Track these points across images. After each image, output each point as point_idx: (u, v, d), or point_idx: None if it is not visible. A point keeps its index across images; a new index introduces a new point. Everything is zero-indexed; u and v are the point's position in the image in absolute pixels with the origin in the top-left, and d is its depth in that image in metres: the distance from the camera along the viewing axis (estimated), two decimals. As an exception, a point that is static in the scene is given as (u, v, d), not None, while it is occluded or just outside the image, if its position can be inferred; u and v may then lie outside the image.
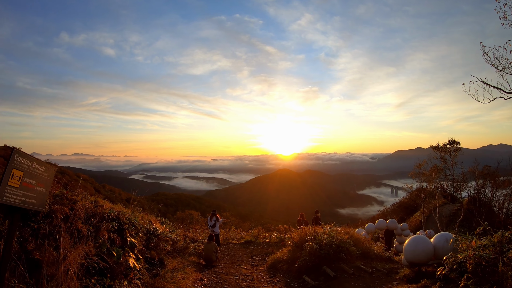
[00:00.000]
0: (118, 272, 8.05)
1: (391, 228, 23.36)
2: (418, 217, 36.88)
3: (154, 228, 12.67)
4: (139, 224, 11.09)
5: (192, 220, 35.15)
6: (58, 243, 6.86)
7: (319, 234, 13.73)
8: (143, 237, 11.49)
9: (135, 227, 10.60)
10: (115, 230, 9.05)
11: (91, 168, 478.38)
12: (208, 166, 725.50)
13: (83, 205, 8.37)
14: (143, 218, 12.32)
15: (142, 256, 10.58)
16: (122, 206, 11.26)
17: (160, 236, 12.83)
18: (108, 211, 9.20)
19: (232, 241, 23.21)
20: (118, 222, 9.46)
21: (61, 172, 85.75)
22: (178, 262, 12.35)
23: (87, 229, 7.91)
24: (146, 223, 12.23)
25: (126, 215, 10.24)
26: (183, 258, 13.88)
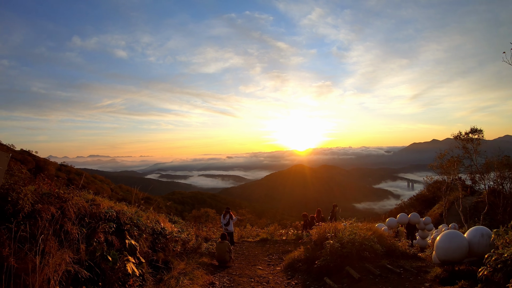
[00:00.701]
0: (114, 280, 7.09)
1: (413, 222, 22.25)
2: (437, 210, 35.94)
3: (162, 228, 11.74)
4: (144, 224, 10.13)
5: (208, 218, 34.51)
6: (43, 248, 5.93)
7: (340, 231, 12.66)
8: (149, 238, 10.57)
9: (138, 227, 9.64)
10: (113, 231, 8.11)
11: (107, 169, 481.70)
12: (223, 164, 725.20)
13: (76, 204, 7.44)
14: (149, 218, 11.36)
15: (147, 259, 9.68)
16: (124, 205, 10.35)
17: (169, 237, 11.92)
18: (105, 210, 8.25)
19: (247, 239, 22.26)
20: (118, 223, 8.53)
21: (77, 173, 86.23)
22: (187, 265, 11.34)
23: (79, 230, 6.97)
24: (153, 223, 11.29)
25: (127, 214, 9.30)
26: (194, 260, 12.90)
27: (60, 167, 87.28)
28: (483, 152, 27.39)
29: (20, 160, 69.10)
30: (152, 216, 11.88)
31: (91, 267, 6.74)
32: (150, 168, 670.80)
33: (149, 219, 11.24)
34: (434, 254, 10.09)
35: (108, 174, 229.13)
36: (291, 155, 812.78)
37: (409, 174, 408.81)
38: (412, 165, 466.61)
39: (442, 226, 23.23)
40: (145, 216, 11.02)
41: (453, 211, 31.42)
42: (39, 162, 79.88)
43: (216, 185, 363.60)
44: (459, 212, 27.75)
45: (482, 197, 31.74)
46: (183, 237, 13.26)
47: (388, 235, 14.84)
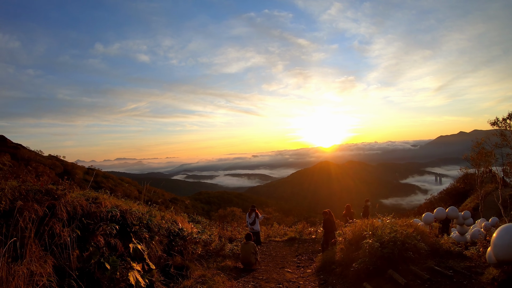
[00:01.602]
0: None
1: (451, 217, 20.61)
2: (469, 204, 34.25)
3: (180, 229, 10.58)
4: (157, 225, 8.97)
5: (234, 217, 33.69)
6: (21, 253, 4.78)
7: (379, 228, 11.27)
8: (164, 240, 9.44)
9: (150, 229, 8.50)
10: (117, 233, 6.94)
11: (134, 172, 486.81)
12: (249, 163, 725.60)
13: (71, 202, 6.28)
14: (164, 218, 10.20)
15: (160, 264, 8.54)
16: (135, 204, 9.24)
17: (188, 238, 10.75)
18: (107, 209, 7.09)
19: (275, 239, 20.84)
20: (123, 224, 7.39)
21: (104, 176, 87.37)
22: (207, 270, 10.06)
23: (72, 232, 5.80)
24: (168, 224, 10.13)
25: (137, 214, 8.15)
26: (216, 263, 11.70)
27: (87, 171, 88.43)
28: None
29: (49, 165, 70.43)
30: (168, 216, 10.72)
31: (86, 277, 5.57)
32: (176, 169, 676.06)
33: (164, 219, 10.09)
34: (489, 253, 8.73)
35: (135, 176, 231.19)
36: (316, 152, 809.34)
37: (436, 168, 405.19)
38: (440, 159, 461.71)
39: (481, 221, 21.64)
40: (159, 216, 9.86)
41: (487, 205, 29.74)
42: (67, 166, 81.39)
43: (242, 184, 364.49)
44: (498, 205, 25.99)
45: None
46: (204, 239, 12.03)
47: (429, 231, 13.50)
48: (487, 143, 27.49)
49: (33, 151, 74.48)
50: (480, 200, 29.68)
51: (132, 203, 9.32)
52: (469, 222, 20.47)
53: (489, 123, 26.36)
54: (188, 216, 17.40)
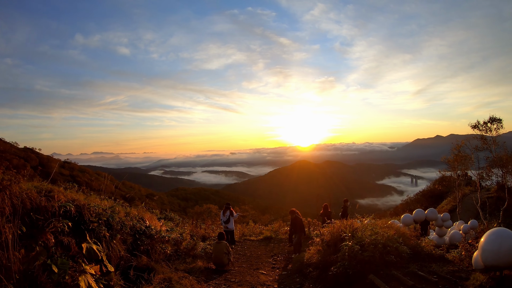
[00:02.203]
0: (59, 300, 5.12)
1: (430, 218, 20.34)
2: (446, 206, 34.63)
3: (147, 226, 9.79)
4: (120, 222, 8.21)
5: (210, 214, 33.10)
6: None
7: (359, 230, 10.69)
8: (128, 239, 8.66)
9: (111, 226, 7.74)
10: (70, 231, 6.18)
11: (111, 166, 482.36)
12: (227, 160, 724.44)
13: (19, 194, 5.52)
14: (129, 215, 9.42)
15: (123, 266, 7.79)
16: (97, 198, 8.48)
17: (156, 237, 9.98)
18: (61, 204, 6.31)
19: (250, 238, 20.10)
20: (79, 220, 6.63)
21: (81, 170, 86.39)
22: (174, 272, 9.31)
23: (16, 229, 5.03)
24: (134, 221, 9.36)
25: (96, 210, 7.38)
26: (186, 264, 10.96)
27: (63, 164, 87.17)
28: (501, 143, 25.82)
29: (24, 157, 69.26)
30: (134, 213, 9.93)
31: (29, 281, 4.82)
32: (154, 164, 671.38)
33: (129, 216, 9.32)
34: (476, 258, 8.33)
35: (111, 170, 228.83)
36: (294, 151, 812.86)
37: (412, 170, 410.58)
38: (416, 161, 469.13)
39: (460, 223, 21.50)
40: (123, 212, 9.08)
41: (464, 207, 30.23)
42: (42, 159, 79.61)
43: (220, 181, 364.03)
44: (477, 207, 25.99)
45: (491, 193, 31.35)
46: (174, 237, 11.25)
47: (410, 234, 13.03)
48: (467, 146, 27.42)
49: (8, 143, 72.85)
50: (458, 203, 29.83)
51: (94, 197, 8.55)
52: (448, 224, 20.47)
53: (470, 126, 26.63)
54: (160, 213, 16.69)
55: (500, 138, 25.62)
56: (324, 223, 16.58)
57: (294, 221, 15.87)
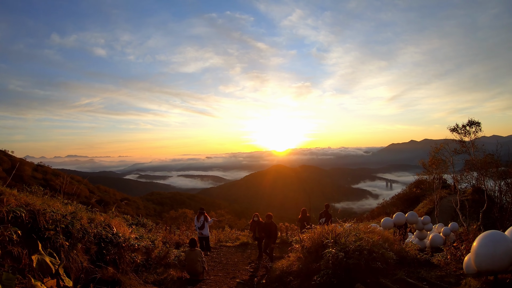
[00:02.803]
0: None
1: (411, 222, 20.07)
2: (422, 209, 34.82)
3: (114, 234, 8.94)
4: (82, 229, 7.38)
5: (186, 219, 32.29)
6: None
7: (342, 236, 10.02)
8: (92, 248, 7.83)
9: (71, 234, 6.91)
10: (21, 240, 5.36)
11: (85, 170, 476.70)
12: (202, 164, 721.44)
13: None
14: (93, 221, 8.57)
15: (85, 278, 6.96)
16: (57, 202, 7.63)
17: (125, 245, 9.16)
18: (10, 209, 5.48)
19: (226, 244, 19.30)
20: (32, 227, 5.82)
21: (54, 174, 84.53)
22: (142, 285, 8.49)
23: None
24: (99, 228, 8.52)
25: (54, 216, 6.55)
26: (156, 274, 10.17)
27: (36, 167, 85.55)
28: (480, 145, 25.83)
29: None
30: (100, 219, 9.07)
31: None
32: (129, 168, 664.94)
33: (93, 222, 8.47)
34: (467, 262, 8.10)
35: (86, 174, 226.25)
36: (270, 155, 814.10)
37: (387, 174, 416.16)
38: (391, 165, 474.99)
39: (439, 226, 21.27)
40: (86, 218, 8.21)
41: (440, 210, 30.12)
42: (15, 162, 78.58)
43: (195, 186, 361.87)
44: (457, 210, 25.96)
45: (466, 195, 31.58)
46: (144, 245, 10.43)
47: (394, 238, 12.47)
48: (446, 149, 27.30)
49: (-21, 145, 71.13)
50: (435, 205, 29.89)
51: (55, 201, 7.70)
52: (428, 228, 20.50)
53: (449, 129, 26.48)
54: (132, 218, 15.83)
55: (477, 142, 25.55)
56: (303, 228, 15.94)
57: (268, 227, 15.05)
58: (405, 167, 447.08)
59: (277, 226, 15.63)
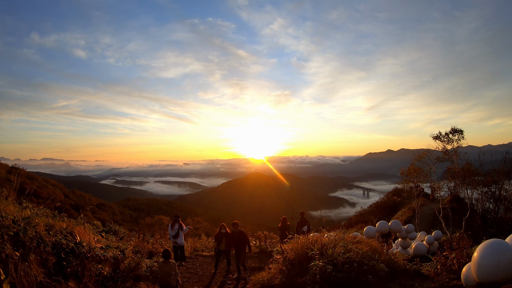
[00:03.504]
0: None
1: (394, 230, 19.41)
2: (401, 217, 34.26)
3: (77, 243, 7.96)
4: (37, 237, 6.42)
5: (162, 226, 31.32)
6: None
7: (329, 247, 9.21)
8: (50, 259, 6.86)
9: (22, 243, 5.96)
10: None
11: (60, 173, 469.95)
12: (180, 170, 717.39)
13: None
14: (52, 228, 7.60)
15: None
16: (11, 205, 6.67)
17: (90, 255, 8.20)
18: None
19: (202, 253, 18.36)
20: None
21: (29, 177, 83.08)
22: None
23: None
24: (59, 236, 7.54)
25: (2, 222, 5.61)
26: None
27: (11, 170, 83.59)
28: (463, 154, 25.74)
29: None
30: (61, 225, 8.08)
31: None
32: (105, 173, 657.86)
33: (52, 230, 7.49)
34: (466, 274, 7.48)
35: (61, 178, 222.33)
36: (247, 163, 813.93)
37: (364, 182, 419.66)
38: (368, 174, 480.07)
39: (422, 234, 20.74)
40: (43, 225, 7.23)
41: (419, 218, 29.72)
42: None
43: (172, 192, 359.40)
44: (440, 218, 25.59)
45: (444, 204, 30.11)
46: (111, 255, 9.44)
47: (382, 248, 11.77)
48: (428, 157, 27.01)
49: (-50, 146, 69.65)
50: (416, 214, 29.64)
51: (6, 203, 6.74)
52: (412, 236, 20.09)
53: (432, 137, 26.63)
54: (103, 225, 14.85)
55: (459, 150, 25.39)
56: (284, 237, 15.15)
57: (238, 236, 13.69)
58: (382, 176, 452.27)
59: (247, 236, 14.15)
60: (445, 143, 25.58)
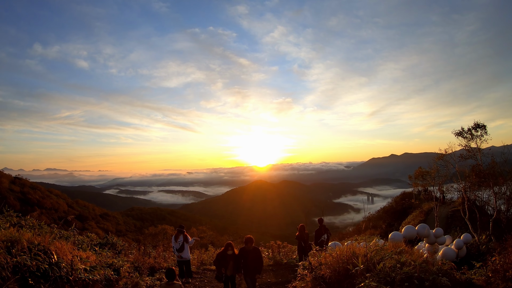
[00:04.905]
0: None
1: (422, 235, 17.45)
2: (412, 221, 32.97)
3: (52, 263, 6.07)
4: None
5: (166, 236, 29.80)
6: None
7: (374, 259, 7.22)
8: (10, 286, 5.00)
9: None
10: None
11: (64, 184, 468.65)
12: (183, 179, 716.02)
13: None
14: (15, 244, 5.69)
15: None
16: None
17: (72, 278, 6.30)
18: None
19: (211, 267, 16.03)
20: None
21: (32, 187, 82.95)
22: None
23: None
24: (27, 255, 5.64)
25: None
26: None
27: (14, 180, 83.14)
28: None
29: None
30: (32, 240, 6.16)
31: None
32: (109, 183, 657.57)
33: (16, 246, 5.58)
34: None
35: (64, 188, 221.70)
36: (251, 171, 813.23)
37: (368, 188, 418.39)
38: (372, 179, 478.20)
39: (447, 238, 19.20)
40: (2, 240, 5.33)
41: (431, 221, 29.03)
42: None
43: (176, 201, 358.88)
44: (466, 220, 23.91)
45: (456, 206, 30.54)
46: (99, 278, 7.45)
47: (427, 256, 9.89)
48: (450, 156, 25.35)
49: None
50: (435, 217, 28.22)
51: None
52: (441, 241, 18.33)
53: (454, 133, 24.42)
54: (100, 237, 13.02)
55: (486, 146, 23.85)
56: (304, 248, 13.33)
57: (252, 255, 10.54)
58: (386, 181, 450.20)
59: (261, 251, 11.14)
60: (468, 139, 23.83)
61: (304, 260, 10.87)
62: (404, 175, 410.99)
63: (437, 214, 28.02)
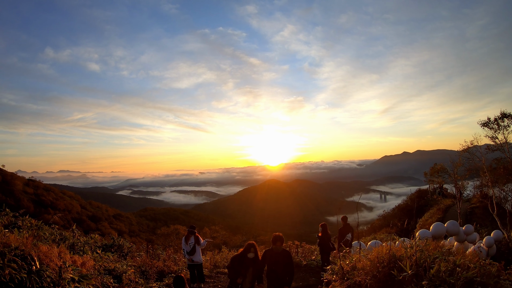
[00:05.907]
0: None
1: (451, 233, 16.12)
2: (430, 219, 32.13)
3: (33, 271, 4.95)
4: None
5: (178, 236, 29.10)
6: None
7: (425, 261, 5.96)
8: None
9: None
10: None
11: (77, 185, 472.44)
12: (196, 180, 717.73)
13: None
14: None
15: None
16: None
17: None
18: None
19: (225, 270, 14.44)
20: None
21: (46, 189, 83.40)
22: None
23: None
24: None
25: None
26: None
27: (28, 182, 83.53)
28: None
29: None
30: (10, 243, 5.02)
31: None
32: (122, 184, 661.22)
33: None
34: None
35: (78, 190, 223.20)
36: (263, 170, 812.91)
37: (381, 186, 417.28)
38: (384, 177, 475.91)
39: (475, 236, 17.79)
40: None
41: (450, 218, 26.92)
42: (6, 176, 77.99)
43: (189, 201, 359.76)
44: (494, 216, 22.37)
45: (474, 203, 31.11)
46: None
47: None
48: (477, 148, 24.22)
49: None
50: (458, 214, 26.63)
51: None
52: (472, 238, 16.40)
53: (479, 124, 23.37)
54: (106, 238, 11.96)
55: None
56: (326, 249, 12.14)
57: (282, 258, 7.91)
58: (398, 179, 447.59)
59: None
60: (494, 130, 22.52)
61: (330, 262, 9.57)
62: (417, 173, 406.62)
63: (459, 210, 26.65)
